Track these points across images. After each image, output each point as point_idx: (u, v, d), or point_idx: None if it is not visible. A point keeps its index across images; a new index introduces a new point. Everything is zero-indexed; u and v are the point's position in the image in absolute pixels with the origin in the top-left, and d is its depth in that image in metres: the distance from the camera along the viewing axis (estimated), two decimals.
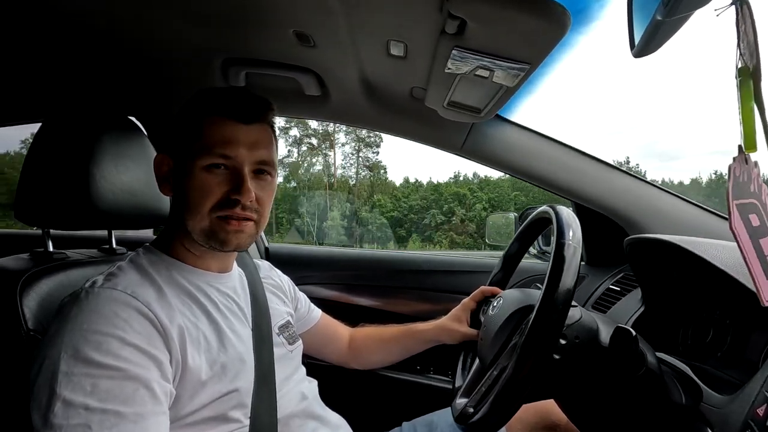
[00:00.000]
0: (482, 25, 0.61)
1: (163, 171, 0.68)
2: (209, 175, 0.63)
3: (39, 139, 0.76)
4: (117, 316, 0.53)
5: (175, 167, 0.66)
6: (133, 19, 0.81)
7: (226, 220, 0.63)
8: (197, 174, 0.63)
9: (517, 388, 0.55)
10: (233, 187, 0.63)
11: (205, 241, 0.64)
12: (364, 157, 18.06)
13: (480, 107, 0.91)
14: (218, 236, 0.64)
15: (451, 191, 17.40)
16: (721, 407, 0.58)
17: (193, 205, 0.63)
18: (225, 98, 0.65)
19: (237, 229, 0.64)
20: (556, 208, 0.67)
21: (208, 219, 0.63)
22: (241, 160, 0.63)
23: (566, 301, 0.54)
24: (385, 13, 0.71)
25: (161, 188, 0.69)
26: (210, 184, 0.62)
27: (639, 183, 1.13)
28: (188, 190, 0.63)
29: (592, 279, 1.23)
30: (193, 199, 0.63)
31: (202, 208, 0.63)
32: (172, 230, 0.69)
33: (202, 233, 0.64)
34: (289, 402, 0.71)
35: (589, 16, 1.08)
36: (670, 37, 0.41)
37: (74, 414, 0.47)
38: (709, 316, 0.77)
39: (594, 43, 9.95)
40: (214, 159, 0.63)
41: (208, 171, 0.63)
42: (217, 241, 0.64)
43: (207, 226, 0.63)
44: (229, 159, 0.63)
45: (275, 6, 0.74)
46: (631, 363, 0.61)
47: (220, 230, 0.63)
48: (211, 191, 0.62)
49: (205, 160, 0.62)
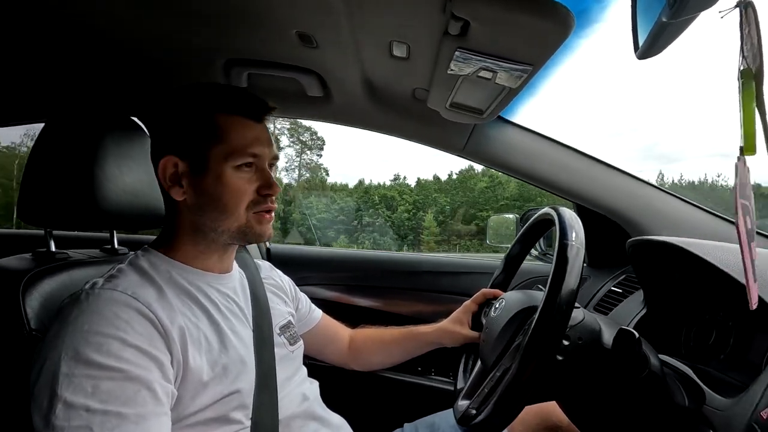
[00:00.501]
0: (485, 26, 0.61)
1: (171, 173, 0.65)
2: (240, 175, 0.65)
3: (42, 139, 0.76)
4: (118, 317, 0.53)
5: (191, 169, 0.64)
6: (136, 20, 0.81)
7: (260, 214, 0.67)
8: (229, 176, 0.64)
9: (520, 389, 0.55)
10: (263, 183, 0.66)
11: (241, 238, 0.67)
12: (308, 159, 18.17)
13: (482, 108, 0.91)
14: (255, 231, 0.67)
15: (380, 193, 17.66)
16: (724, 410, 0.58)
17: (229, 207, 0.64)
18: (234, 96, 0.66)
19: (269, 220, 0.69)
20: (559, 210, 0.67)
21: (244, 217, 0.66)
22: (264, 157, 0.67)
23: (570, 302, 0.54)
24: (387, 15, 0.71)
25: (171, 192, 0.65)
26: (243, 184, 0.65)
27: (641, 185, 1.13)
28: (220, 194, 0.64)
29: (594, 280, 1.23)
30: (228, 201, 0.64)
31: (238, 209, 0.65)
32: (176, 232, 0.68)
33: (239, 231, 0.66)
34: (290, 403, 0.71)
35: (592, 17, 1.08)
36: (675, 39, 0.41)
37: (75, 415, 0.46)
38: (712, 318, 0.77)
39: (595, 45, 10.03)
40: (245, 159, 0.65)
41: (239, 170, 0.65)
42: (255, 235, 0.67)
43: (244, 223, 0.66)
44: (256, 157, 0.66)
45: (278, 7, 0.74)
46: (633, 365, 0.61)
47: (257, 224, 0.67)
48: (245, 191, 0.65)
49: (234, 161, 0.64)
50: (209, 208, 0.65)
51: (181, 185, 0.65)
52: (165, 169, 0.65)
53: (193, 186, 0.64)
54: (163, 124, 0.67)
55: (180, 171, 0.64)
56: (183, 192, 0.65)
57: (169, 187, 0.65)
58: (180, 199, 0.65)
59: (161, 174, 0.65)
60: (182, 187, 0.65)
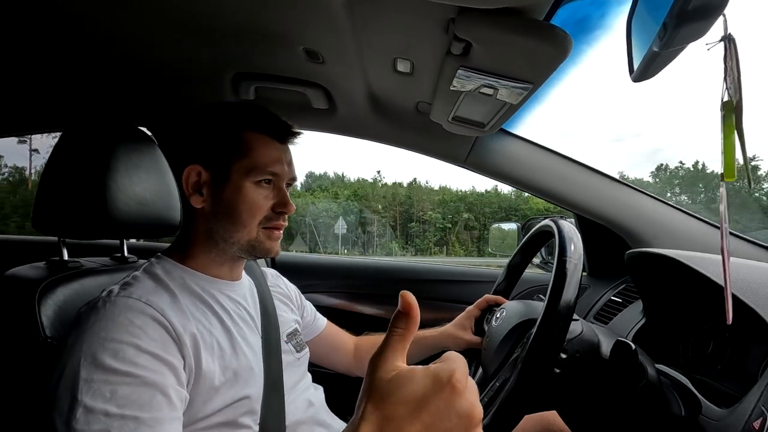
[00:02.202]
0: (487, 47, 0.63)
1: (193, 181, 0.68)
2: (258, 190, 0.68)
3: (58, 150, 0.78)
4: (132, 323, 0.55)
5: (213, 179, 0.67)
6: (149, 37, 0.83)
7: (270, 230, 0.70)
8: (248, 189, 0.67)
9: (519, 400, 0.56)
10: (278, 201, 0.70)
11: (249, 252, 0.70)
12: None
13: (484, 122, 0.93)
14: (264, 246, 0.70)
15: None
16: (719, 420, 0.59)
17: (243, 219, 0.67)
18: (262, 116, 0.70)
19: (278, 238, 0.71)
20: (559, 223, 0.69)
21: (255, 232, 0.68)
22: (283, 176, 0.70)
23: (567, 317, 0.56)
24: (392, 33, 0.73)
25: (191, 198, 0.68)
26: (259, 199, 0.68)
27: (641, 196, 1.15)
28: (237, 205, 0.67)
29: (594, 290, 1.24)
30: (243, 213, 0.67)
31: (252, 222, 0.68)
32: (191, 239, 0.70)
33: (249, 244, 0.69)
34: (296, 409, 0.73)
35: (592, 24, 1.10)
36: (666, 65, 0.43)
37: (95, 420, 0.48)
38: (710, 329, 0.78)
39: (596, 52, 10.15)
40: (265, 176, 0.68)
41: (258, 186, 0.68)
42: (263, 251, 0.70)
43: (254, 237, 0.69)
44: (275, 176, 0.69)
45: (287, 25, 0.77)
46: (631, 375, 0.62)
47: (266, 240, 0.70)
48: (261, 206, 0.68)
49: (255, 177, 0.67)
50: (224, 218, 0.67)
51: (201, 193, 0.68)
52: (188, 177, 0.68)
53: (213, 195, 0.68)
54: (191, 134, 0.70)
55: (202, 180, 0.68)
56: (202, 200, 0.68)
57: (190, 194, 0.68)
58: (198, 206, 0.68)
59: (184, 181, 0.68)
60: (202, 196, 0.68)
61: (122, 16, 0.77)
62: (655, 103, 62.16)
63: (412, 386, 0.32)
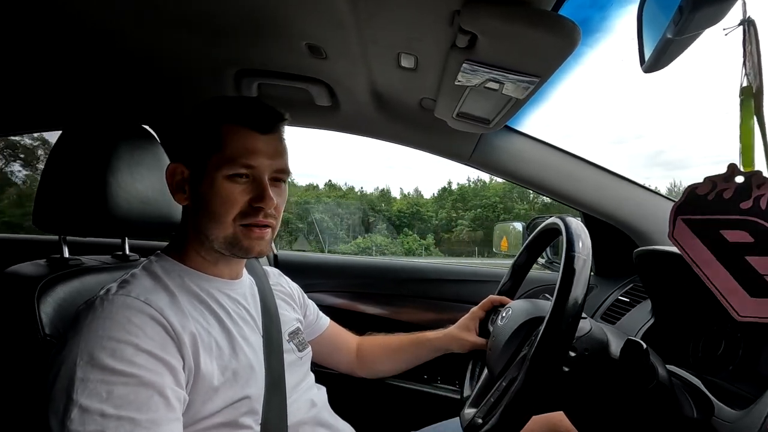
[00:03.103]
0: (493, 39, 0.62)
1: (177, 180, 0.68)
2: (232, 185, 0.64)
3: (58, 147, 0.77)
4: (130, 322, 0.54)
5: (192, 176, 0.67)
6: (151, 34, 0.83)
7: (249, 228, 0.65)
8: (220, 184, 0.64)
9: (527, 399, 0.55)
10: (255, 195, 0.65)
11: (228, 249, 0.66)
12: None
13: (489, 118, 0.92)
14: (242, 244, 0.65)
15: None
16: (733, 422, 0.58)
17: (217, 215, 0.64)
18: (242, 108, 0.66)
19: (259, 236, 0.66)
20: (566, 220, 0.68)
21: (231, 228, 0.65)
22: (262, 169, 0.65)
23: (576, 314, 0.55)
24: (396, 28, 0.72)
25: (175, 197, 0.69)
26: (233, 193, 0.64)
27: (648, 194, 1.13)
28: (210, 200, 0.64)
29: (601, 290, 1.22)
30: (217, 208, 0.64)
31: (226, 218, 0.64)
32: (185, 237, 0.69)
33: (226, 241, 0.65)
34: (298, 409, 0.72)
35: (594, 27, 1.08)
36: (680, 54, 0.41)
37: (90, 420, 0.47)
38: (721, 329, 0.77)
39: (597, 54, 9.94)
40: (238, 169, 0.64)
41: (231, 180, 0.64)
42: (241, 249, 0.66)
43: (231, 234, 0.65)
44: (251, 168, 0.65)
45: (289, 20, 0.76)
46: (641, 376, 0.60)
47: (244, 238, 0.65)
48: (235, 201, 0.64)
49: (228, 170, 0.63)
50: (202, 214, 0.66)
51: (183, 191, 0.68)
52: (173, 176, 0.68)
53: (192, 192, 0.67)
54: (177, 134, 0.69)
55: (184, 178, 0.67)
56: (185, 197, 0.68)
57: (174, 192, 0.68)
58: (183, 204, 0.69)
59: (169, 179, 0.68)
60: (185, 193, 0.68)
61: (124, 13, 0.76)
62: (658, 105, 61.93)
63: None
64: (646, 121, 54.40)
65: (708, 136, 54.51)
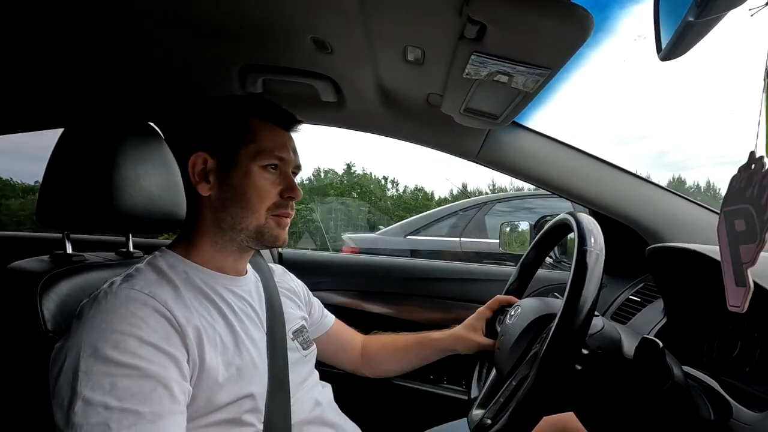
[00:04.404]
0: (503, 29, 0.60)
1: (199, 169, 0.67)
2: (266, 175, 0.67)
3: (61, 144, 0.77)
4: (134, 315, 0.54)
5: (220, 165, 0.66)
6: (155, 31, 0.82)
7: (278, 217, 0.69)
8: (256, 173, 0.66)
9: (538, 398, 0.53)
10: (286, 186, 0.69)
11: (256, 239, 0.68)
12: None
13: (497, 113, 0.90)
14: (272, 233, 0.68)
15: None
16: (753, 424, 0.56)
17: (252, 204, 0.66)
18: (267, 104, 0.70)
19: (285, 225, 0.70)
20: (577, 216, 0.66)
21: (264, 217, 0.67)
22: (288, 162, 0.70)
23: (590, 310, 0.53)
24: (402, 20, 0.71)
25: (198, 187, 0.66)
26: (267, 184, 0.67)
27: (659, 191, 1.11)
28: (246, 190, 0.66)
29: (611, 289, 1.20)
30: (252, 198, 0.66)
31: (260, 207, 0.67)
32: (196, 231, 0.69)
33: (256, 231, 0.67)
34: (302, 408, 0.71)
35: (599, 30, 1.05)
36: (700, 39, 0.40)
37: (93, 413, 0.47)
38: (736, 328, 0.75)
39: (600, 56, 9.74)
40: (272, 160, 0.67)
41: (265, 170, 0.67)
42: (270, 238, 0.69)
43: (262, 224, 0.67)
44: (282, 161, 0.69)
45: (294, 14, 0.75)
46: (656, 376, 0.59)
47: (275, 227, 0.68)
48: (269, 191, 0.67)
49: (262, 161, 0.66)
50: (232, 204, 0.66)
51: (208, 181, 0.66)
52: (194, 165, 0.66)
53: (220, 181, 0.66)
54: (196, 124, 0.69)
55: (208, 167, 0.66)
56: (209, 188, 0.66)
57: (197, 182, 0.66)
58: (206, 194, 0.67)
59: (190, 169, 0.67)
60: (209, 183, 0.66)
61: (129, 11, 0.76)
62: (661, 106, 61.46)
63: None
64: (649, 121, 54.10)
65: (712, 137, 54.12)
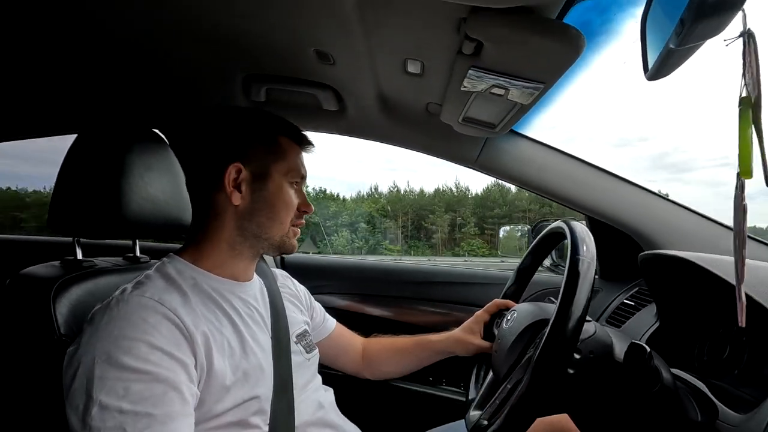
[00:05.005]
0: (498, 46, 0.63)
1: (233, 178, 0.69)
2: (292, 191, 0.74)
3: (73, 152, 0.79)
4: (145, 321, 0.55)
5: (254, 177, 0.71)
6: (161, 41, 0.84)
7: (295, 228, 0.76)
8: (286, 189, 0.73)
9: (532, 401, 0.55)
10: (303, 201, 0.76)
11: (277, 247, 0.74)
12: None
13: (494, 123, 0.92)
14: (291, 242, 0.75)
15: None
16: (737, 426, 0.58)
17: (280, 216, 0.72)
18: (293, 127, 0.77)
19: (297, 235, 0.77)
20: (570, 224, 0.69)
21: (287, 227, 0.74)
22: (305, 180, 0.78)
23: (581, 316, 0.55)
24: (403, 34, 0.73)
25: (231, 196, 0.69)
26: (293, 198, 0.74)
27: (653, 198, 1.13)
28: (276, 202, 0.72)
29: (606, 293, 1.22)
30: (281, 210, 0.72)
31: (286, 219, 0.73)
32: (205, 238, 0.71)
33: (280, 240, 0.73)
34: (306, 410, 0.73)
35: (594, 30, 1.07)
36: (682, 63, 0.42)
37: (109, 417, 0.49)
38: (726, 333, 0.77)
39: (601, 58, 9.91)
40: (297, 178, 0.75)
41: (291, 187, 0.74)
42: (288, 246, 0.75)
43: (285, 233, 0.74)
44: (303, 179, 0.77)
45: (297, 27, 0.77)
46: (645, 379, 0.61)
47: (292, 237, 0.75)
48: (293, 205, 0.74)
49: (291, 178, 0.74)
50: (261, 214, 0.71)
51: (240, 190, 0.70)
52: (230, 175, 0.69)
53: (252, 192, 0.70)
54: (231, 134, 0.72)
55: (241, 178, 0.70)
56: (241, 197, 0.70)
57: (231, 191, 0.69)
58: (237, 203, 0.69)
59: (226, 178, 0.69)
60: (241, 193, 0.70)
61: (135, 20, 0.78)
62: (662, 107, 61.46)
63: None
64: (650, 123, 54.13)
65: (714, 138, 54.15)
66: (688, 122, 71.17)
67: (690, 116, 73.11)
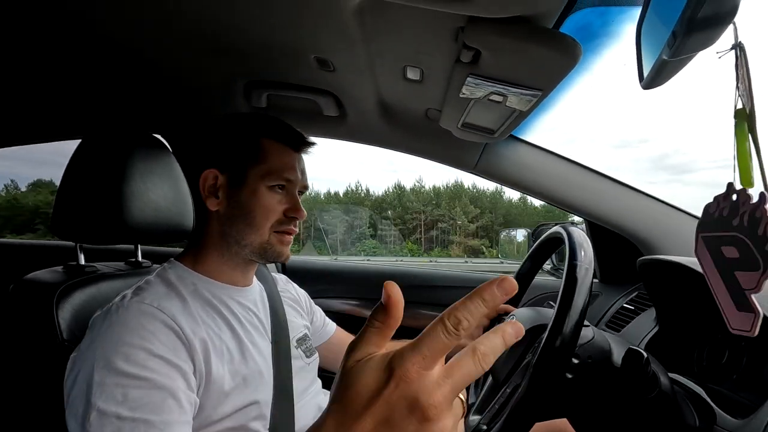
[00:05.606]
0: (496, 55, 0.63)
1: (210, 184, 0.70)
2: (273, 195, 0.71)
3: (76, 157, 0.80)
4: (144, 328, 0.56)
5: (230, 182, 0.70)
6: (164, 47, 0.85)
7: (281, 234, 0.72)
8: (263, 193, 0.70)
9: (530, 406, 0.56)
10: (291, 206, 0.72)
11: (259, 254, 0.71)
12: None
13: (494, 129, 0.93)
14: (275, 249, 0.72)
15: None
16: (735, 430, 0.58)
17: (257, 222, 0.69)
18: (280, 126, 0.74)
19: (288, 242, 0.73)
20: (568, 229, 0.69)
21: (267, 234, 0.71)
22: (295, 183, 0.73)
23: (578, 321, 0.56)
24: (402, 42, 0.74)
25: (207, 201, 0.70)
26: (273, 203, 0.71)
27: (652, 202, 1.14)
28: (252, 208, 0.69)
29: (606, 297, 1.22)
30: (257, 216, 0.70)
31: (264, 225, 0.70)
32: (204, 244, 0.71)
33: (260, 247, 0.70)
34: (306, 414, 0.73)
35: (594, 32, 1.08)
36: (676, 73, 0.43)
37: (108, 423, 0.49)
38: (724, 338, 0.77)
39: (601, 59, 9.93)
40: (279, 181, 0.71)
41: (272, 191, 0.71)
42: (274, 254, 0.72)
43: (266, 240, 0.71)
44: (289, 182, 0.72)
45: (298, 35, 0.78)
46: (643, 384, 0.61)
47: (277, 244, 0.72)
48: (274, 210, 0.71)
49: (270, 181, 0.70)
50: (238, 220, 0.69)
51: (217, 196, 0.70)
52: (205, 180, 0.70)
53: (228, 197, 0.70)
54: (209, 140, 0.72)
55: (219, 183, 0.70)
56: (218, 203, 0.70)
57: (206, 197, 0.70)
58: (214, 209, 0.70)
59: (201, 184, 0.70)
60: (218, 198, 0.70)
61: (139, 28, 0.79)
62: (662, 109, 61.53)
63: (365, 377, 0.29)
64: (650, 124, 54.17)
65: (714, 139, 54.15)
66: (689, 124, 71.21)
67: (690, 118, 73.10)
